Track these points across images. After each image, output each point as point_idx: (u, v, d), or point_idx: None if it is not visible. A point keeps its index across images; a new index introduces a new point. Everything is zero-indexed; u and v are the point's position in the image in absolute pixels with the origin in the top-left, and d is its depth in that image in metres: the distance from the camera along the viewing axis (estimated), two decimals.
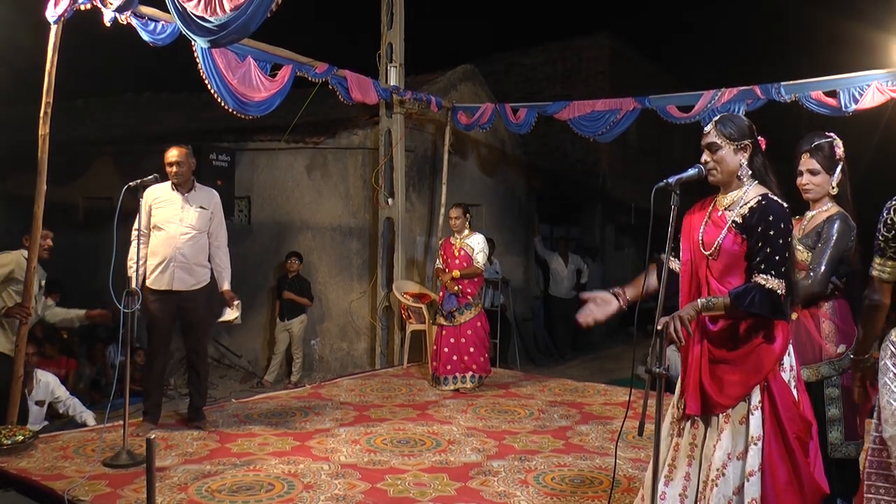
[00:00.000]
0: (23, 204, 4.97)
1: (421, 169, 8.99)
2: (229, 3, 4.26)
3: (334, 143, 8.51)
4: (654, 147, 15.18)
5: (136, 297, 4.43)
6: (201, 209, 5.04)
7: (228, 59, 5.59)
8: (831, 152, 3.30)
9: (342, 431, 5.08)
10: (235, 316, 5.11)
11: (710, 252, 2.71)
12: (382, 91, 7.63)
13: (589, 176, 13.49)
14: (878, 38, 9.08)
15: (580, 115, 7.73)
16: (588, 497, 3.88)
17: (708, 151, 2.73)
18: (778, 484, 2.56)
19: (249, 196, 8.80)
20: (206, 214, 5.06)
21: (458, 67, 9.69)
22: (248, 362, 8.58)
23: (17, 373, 4.82)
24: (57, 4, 4.78)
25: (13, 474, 4.09)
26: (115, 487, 3.89)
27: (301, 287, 8.16)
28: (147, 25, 5.08)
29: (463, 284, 6.52)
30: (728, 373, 2.64)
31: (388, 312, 8.26)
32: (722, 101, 6.79)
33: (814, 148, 3.31)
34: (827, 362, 3.23)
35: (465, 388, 6.46)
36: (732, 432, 2.64)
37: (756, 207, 2.63)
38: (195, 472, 4.15)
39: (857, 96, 6.21)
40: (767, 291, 2.53)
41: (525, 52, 14.37)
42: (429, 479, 4.13)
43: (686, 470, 2.73)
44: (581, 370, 9.75)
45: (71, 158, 9.07)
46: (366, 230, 8.50)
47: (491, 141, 10.24)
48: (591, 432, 5.17)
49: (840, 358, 3.22)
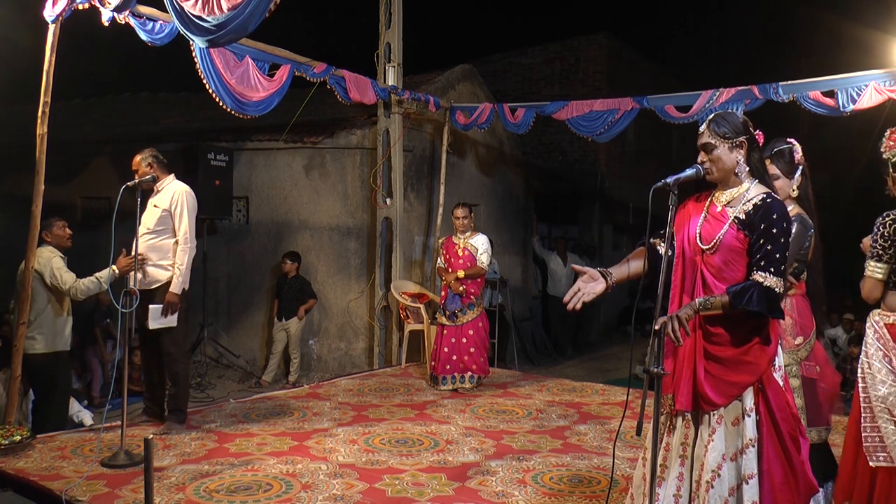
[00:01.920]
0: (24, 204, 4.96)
1: (419, 169, 8.99)
2: (227, 3, 4.25)
3: (332, 143, 8.51)
4: (652, 147, 15.19)
5: (135, 296, 4.43)
6: (154, 208, 4.99)
7: (227, 58, 5.59)
8: (791, 157, 3.52)
9: (340, 431, 5.08)
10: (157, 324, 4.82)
11: (709, 247, 2.71)
12: (380, 91, 7.63)
13: (587, 175, 13.50)
14: (876, 38, 9.08)
15: (578, 114, 7.74)
16: (586, 497, 3.89)
17: (703, 151, 2.74)
18: (774, 484, 2.59)
19: (247, 196, 8.80)
20: (158, 213, 4.96)
21: (457, 67, 9.70)
22: (247, 362, 8.58)
23: (16, 373, 4.82)
24: (55, 4, 4.78)
25: (11, 474, 4.08)
26: (113, 487, 3.88)
27: (301, 287, 8.16)
28: (145, 25, 5.08)
29: (466, 284, 6.52)
30: (724, 372, 2.64)
31: (387, 312, 8.26)
32: (720, 101, 6.80)
33: (774, 154, 3.52)
34: (787, 352, 3.45)
35: (464, 388, 6.46)
36: (725, 433, 2.64)
37: (760, 205, 2.64)
38: (193, 472, 4.15)
39: (855, 96, 6.22)
40: (765, 289, 2.55)
41: (523, 51, 14.38)
42: (427, 478, 4.13)
43: (679, 470, 2.73)
44: (579, 370, 9.76)
45: (69, 158, 9.06)
46: (364, 230, 8.50)
47: (489, 141, 10.25)
48: (589, 432, 5.17)
49: (798, 349, 3.54)
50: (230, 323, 8.84)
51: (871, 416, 3.03)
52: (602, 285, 2.81)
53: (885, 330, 3.06)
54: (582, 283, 2.82)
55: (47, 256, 5.02)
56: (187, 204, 5.02)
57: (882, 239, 2.99)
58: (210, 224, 8.58)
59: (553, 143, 13.75)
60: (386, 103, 8.06)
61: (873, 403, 3.03)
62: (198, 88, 5.89)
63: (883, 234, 2.99)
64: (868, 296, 3.12)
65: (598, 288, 2.81)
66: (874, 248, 3.03)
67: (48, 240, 5.11)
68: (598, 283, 2.81)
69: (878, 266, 3.02)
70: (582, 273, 2.84)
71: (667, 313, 2.60)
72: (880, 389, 3.01)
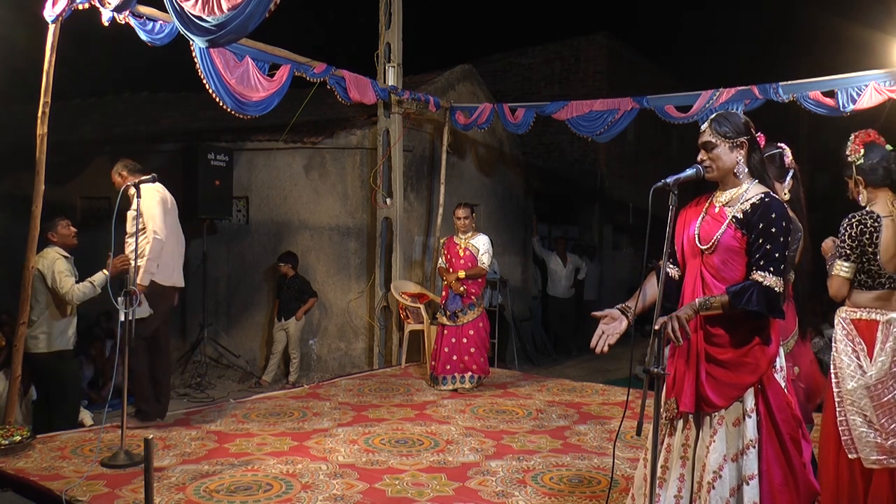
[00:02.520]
0: (24, 204, 4.97)
1: (419, 169, 8.99)
2: (227, 3, 4.25)
3: (332, 143, 8.51)
4: (652, 147, 15.20)
5: (135, 296, 4.43)
6: (131, 211, 5.01)
7: (226, 58, 5.59)
8: (781, 161, 3.59)
9: (340, 431, 5.08)
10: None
11: (707, 247, 2.71)
12: (380, 91, 7.63)
13: (587, 176, 13.50)
14: (876, 38, 9.08)
15: (578, 114, 7.75)
16: (586, 497, 3.89)
17: (704, 150, 2.75)
18: (774, 485, 2.58)
19: (247, 196, 8.80)
20: (132, 215, 4.97)
21: (457, 67, 9.70)
22: (246, 362, 8.58)
23: (16, 373, 4.82)
24: (55, 4, 4.78)
25: (11, 474, 4.08)
26: (113, 488, 3.88)
27: (301, 286, 8.16)
28: (145, 25, 5.08)
29: (467, 285, 6.52)
30: (725, 374, 2.64)
31: (387, 312, 8.26)
32: (720, 101, 6.81)
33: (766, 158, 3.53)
34: None
35: (464, 388, 6.46)
36: (726, 434, 2.64)
37: (758, 204, 2.64)
38: (193, 473, 4.15)
39: (855, 96, 6.22)
40: (765, 289, 2.55)
41: (523, 51, 14.38)
42: (427, 478, 4.13)
43: (680, 471, 2.73)
44: (579, 370, 9.76)
45: (69, 158, 9.06)
46: (364, 230, 8.50)
47: (489, 141, 10.25)
48: (589, 432, 5.17)
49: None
50: (230, 323, 8.84)
51: (843, 410, 3.18)
52: (624, 323, 2.78)
53: (852, 326, 3.23)
54: (604, 325, 2.79)
55: (52, 258, 5.05)
56: (153, 199, 5.07)
57: (850, 239, 3.19)
58: (210, 224, 8.58)
59: (553, 143, 13.75)
60: (386, 103, 8.05)
61: (844, 397, 3.19)
62: (198, 88, 5.89)
63: (850, 234, 3.20)
64: (836, 294, 3.30)
65: (622, 326, 2.78)
66: (841, 248, 3.23)
67: (54, 240, 5.15)
68: (621, 322, 2.79)
69: (845, 265, 3.22)
70: (602, 317, 2.81)
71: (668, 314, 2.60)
72: (849, 383, 3.17)
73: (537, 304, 11.58)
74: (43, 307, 5.02)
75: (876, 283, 3.19)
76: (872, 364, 3.11)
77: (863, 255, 3.18)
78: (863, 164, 3.28)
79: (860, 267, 3.20)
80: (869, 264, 3.18)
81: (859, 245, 3.17)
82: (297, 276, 8.17)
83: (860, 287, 3.22)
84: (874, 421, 3.08)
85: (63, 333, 5.11)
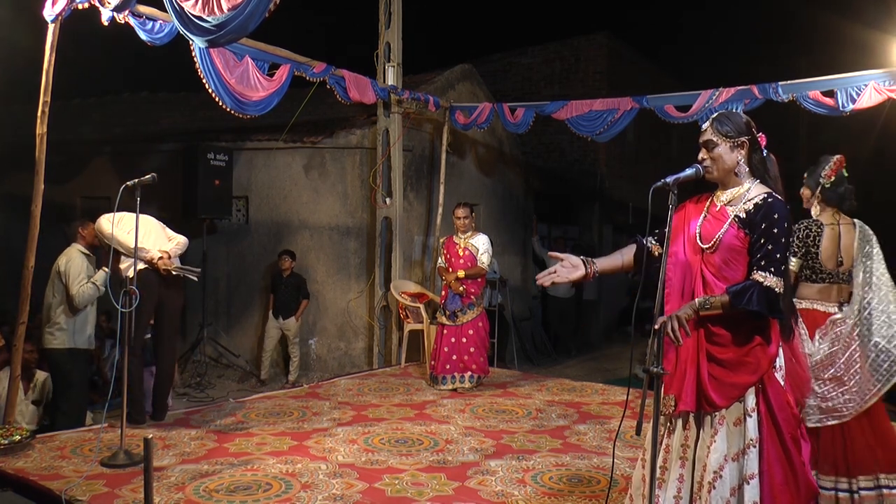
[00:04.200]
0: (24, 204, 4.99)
1: (419, 168, 8.99)
2: (227, 3, 4.26)
3: (332, 143, 8.51)
4: (652, 147, 15.19)
5: (134, 296, 4.43)
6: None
7: (226, 58, 5.59)
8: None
9: (340, 431, 5.08)
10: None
11: (709, 246, 2.71)
12: (380, 90, 7.63)
13: (587, 175, 13.49)
14: (876, 38, 9.09)
15: (578, 114, 7.75)
16: (585, 496, 3.89)
17: (704, 149, 2.75)
18: (775, 484, 2.58)
19: (247, 195, 8.81)
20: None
21: (456, 67, 9.70)
22: (246, 362, 8.59)
23: (15, 372, 4.82)
24: (55, 4, 4.78)
25: (10, 474, 4.08)
26: (112, 487, 3.88)
27: (297, 285, 8.16)
28: (145, 25, 5.08)
29: (467, 284, 6.52)
30: (726, 374, 2.64)
31: (386, 312, 8.26)
32: (720, 100, 6.81)
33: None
34: None
35: (463, 387, 6.46)
36: (727, 434, 2.64)
37: (761, 204, 2.64)
38: (193, 472, 4.15)
39: (855, 96, 6.22)
40: (765, 289, 2.54)
41: (523, 51, 14.36)
42: (426, 478, 4.13)
43: (679, 472, 2.72)
44: (579, 370, 9.76)
45: (69, 158, 9.07)
46: (363, 230, 8.50)
47: (489, 140, 10.25)
48: (588, 432, 5.17)
49: None
50: (230, 323, 8.85)
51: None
52: (580, 272, 2.81)
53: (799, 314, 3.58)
54: (560, 266, 2.83)
55: (71, 256, 5.19)
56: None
57: (798, 240, 3.87)
58: (210, 224, 8.59)
59: (553, 142, 13.74)
60: (386, 103, 8.05)
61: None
62: (198, 88, 5.90)
63: (798, 236, 3.87)
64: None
65: (575, 274, 2.81)
66: (791, 248, 3.77)
67: (83, 234, 5.32)
68: (577, 270, 2.81)
69: (793, 260, 3.85)
70: (561, 259, 2.84)
71: (664, 314, 2.59)
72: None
73: (537, 304, 11.58)
74: (58, 303, 5.14)
75: (818, 277, 3.87)
76: (816, 350, 3.74)
77: (808, 255, 3.86)
78: (829, 188, 3.89)
79: (806, 264, 3.87)
80: (812, 262, 3.86)
81: (804, 245, 3.87)
82: (293, 274, 8.17)
83: (806, 280, 3.90)
84: (816, 390, 3.70)
85: (81, 331, 5.23)
